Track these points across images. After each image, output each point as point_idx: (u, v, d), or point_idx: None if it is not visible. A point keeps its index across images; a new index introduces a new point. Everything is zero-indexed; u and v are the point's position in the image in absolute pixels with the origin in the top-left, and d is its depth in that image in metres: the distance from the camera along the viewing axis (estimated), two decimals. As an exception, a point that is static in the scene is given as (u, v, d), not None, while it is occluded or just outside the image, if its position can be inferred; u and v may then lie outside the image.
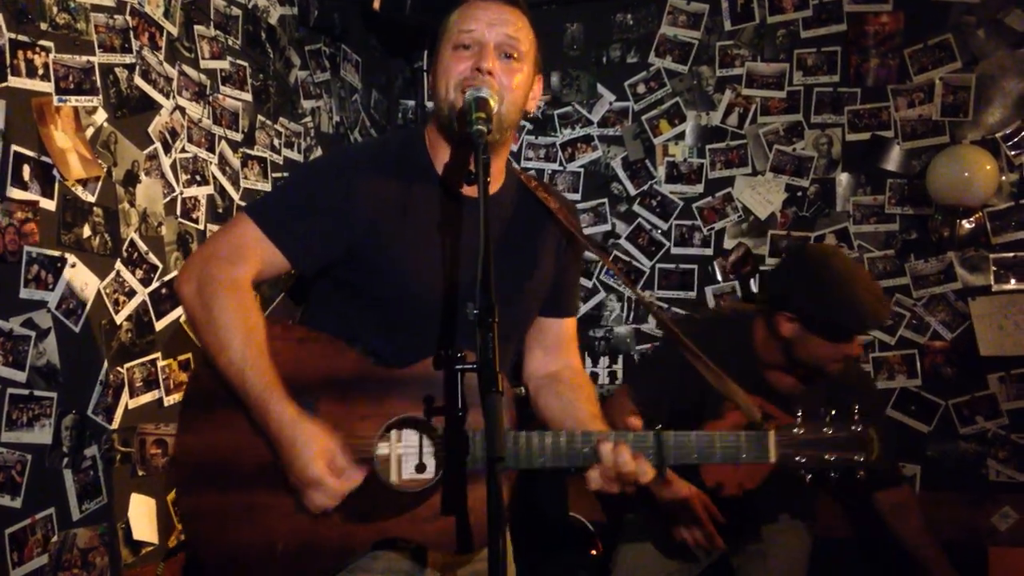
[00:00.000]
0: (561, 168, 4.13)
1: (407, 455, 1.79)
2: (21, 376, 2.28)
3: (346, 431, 1.72)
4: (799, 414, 1.84)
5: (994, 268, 3.54)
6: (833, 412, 1.83)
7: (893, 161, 3.70)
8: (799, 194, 3.83)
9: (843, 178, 3.78)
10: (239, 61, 3.26)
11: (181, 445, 1.79)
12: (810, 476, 1.82)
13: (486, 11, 1.81)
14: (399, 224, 1.81)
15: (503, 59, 1.79)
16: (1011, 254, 3.52)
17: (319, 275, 1.89)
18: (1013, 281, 3.51)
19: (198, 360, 1.82)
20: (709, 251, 3.95)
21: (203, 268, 1.77)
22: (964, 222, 3.58)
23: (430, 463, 1.78)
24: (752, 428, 1.84)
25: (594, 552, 3.84)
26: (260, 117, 3.37)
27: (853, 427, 1.82)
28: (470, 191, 1.84)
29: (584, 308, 4.07)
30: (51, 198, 2.40)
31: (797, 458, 1.81)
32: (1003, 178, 3.49)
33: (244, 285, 1.76)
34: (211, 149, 3.09)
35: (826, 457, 1.81)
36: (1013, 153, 3.51)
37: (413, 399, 1.77)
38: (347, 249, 1.81)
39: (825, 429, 1.82)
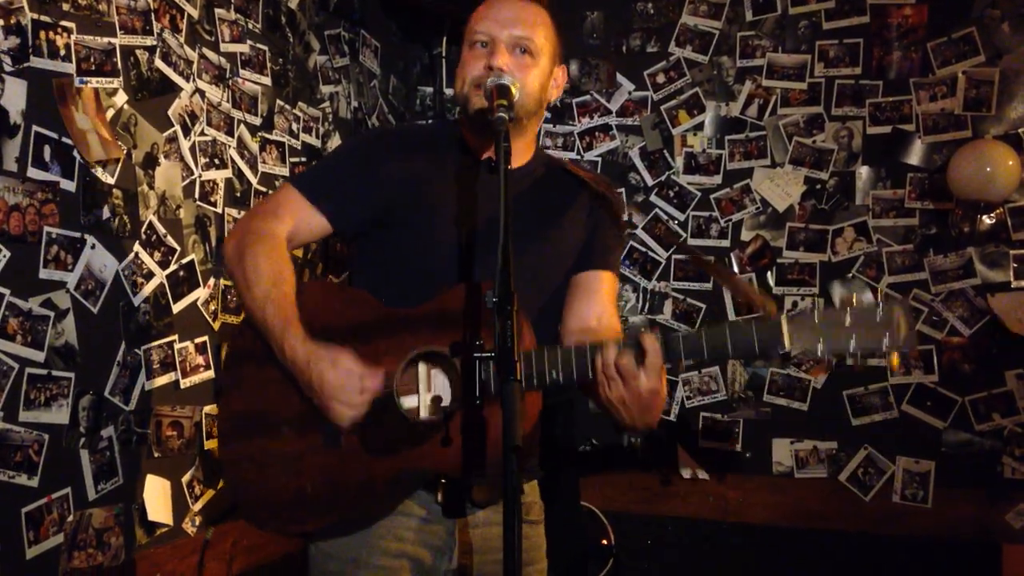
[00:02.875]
0: (579, 157, 4.12)
1: (425, 386, 1.82)
2: (39, 356, 2.30)
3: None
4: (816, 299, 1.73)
5: (1014, 264, 3.51)
6: (854, 297, 1.70)
7: (914, 155, 3.67)
8: (818, 187, 3.80)
9: (863, 171, 3.75)
10: (259, 45, 3.26)
11: (224, 398, 1.93)
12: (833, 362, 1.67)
13: (500, 9, 1.92)
14: (431, 184, 1.93)
15: (516, 55, 1.89)
16: (1031, 251, 3.49)
17: (355, 237, 2.02)
18: (1033, 278, 3.48)
19: (242, 320, 1.96)
20: (726, 243, 3.93)
21: (244, 225, 1.93)
22: (984, 217, 3.55)
23: (448, 393, 1.80)
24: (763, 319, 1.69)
25: (605, 542, 3.84)
26: (279, 101, 3.37)
27: (876, 307, 1.64)
28: (489, 152, 1.94)
29: (599, 298, 4.06)
30: (71, 179, 2.41)
31: (817, 345, 1.65)
32: (1025, 174, 3.46)
33: (277, 237, 1.89)
34: (230, 133, 3.09)
35: (847, 341, 1.64)
36: (1036, 149, 3.48)
37: (432, 333, 1.80)
38: (383, 206, 1.92)
39: (844, 312, 1.65)
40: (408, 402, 1.78)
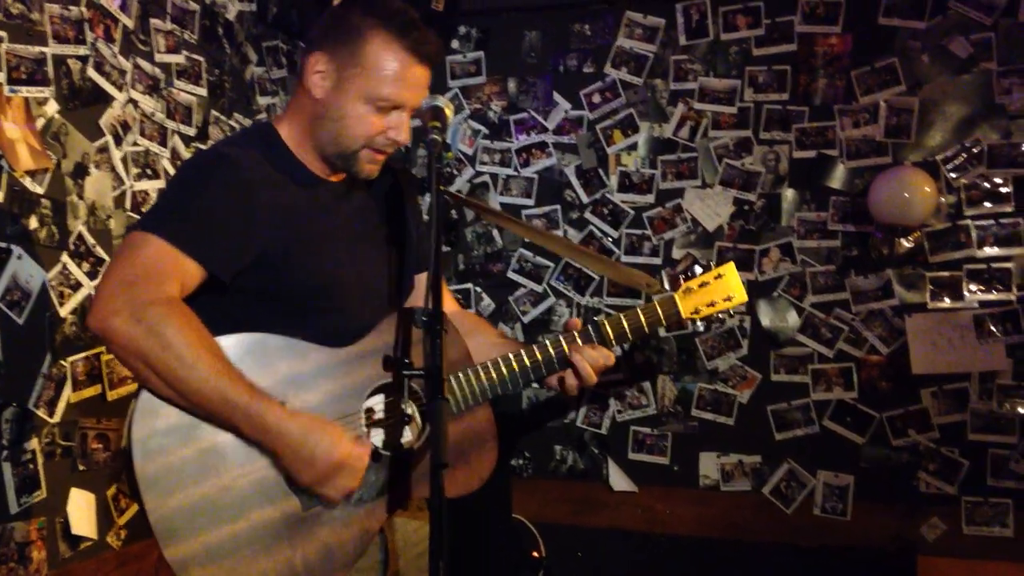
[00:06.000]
0: (516, 173, 4.17)
1: (394, 419, 1.86)
2: (-38, 368, 2.26)
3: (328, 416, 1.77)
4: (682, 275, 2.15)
5: (930, 286, 3.64)
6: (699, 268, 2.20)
7: (837, 179, 3.80)
8: (746, 207, 3.91)
9: (789, 194, 3.86)
10: (195, 56, 3.24)
11: (153, 493, 1.64)
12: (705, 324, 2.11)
13: (419, 76, 1.87)
14: (298, 219, 1.86)
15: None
16: (947, 273, 3.62)
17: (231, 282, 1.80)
18: (947, 299, 3.62)
19: (143, 422, 1.65)
20: (658, 260, 4.01)
21: (128, 296, 1.60)
22: (903, 240, 3.69)
23: (416, 419, 1.89)
24: (651, 299, 2.09)
25: (535, 554, 3.88)
26: (214, 112, 3.36)
27: (719, 273, 2.12)
28: (336, 177, 1.96)
29: (533, 313, 4.11)
30: (-2, 188, 2.38)
31: (698, 311, 2.08)
32: (941, 199, 3.60)
33: (178, 302, 1.66)
34: (163, 143, 3.07)
35: (716, 303, 2.09)
36: (952, 175, 3.62)
37: (375, 367, 1.84)
38: (259, 250, 1.79)
39: (707, 280, 2.10)
40: (404, 438, 1.86)
